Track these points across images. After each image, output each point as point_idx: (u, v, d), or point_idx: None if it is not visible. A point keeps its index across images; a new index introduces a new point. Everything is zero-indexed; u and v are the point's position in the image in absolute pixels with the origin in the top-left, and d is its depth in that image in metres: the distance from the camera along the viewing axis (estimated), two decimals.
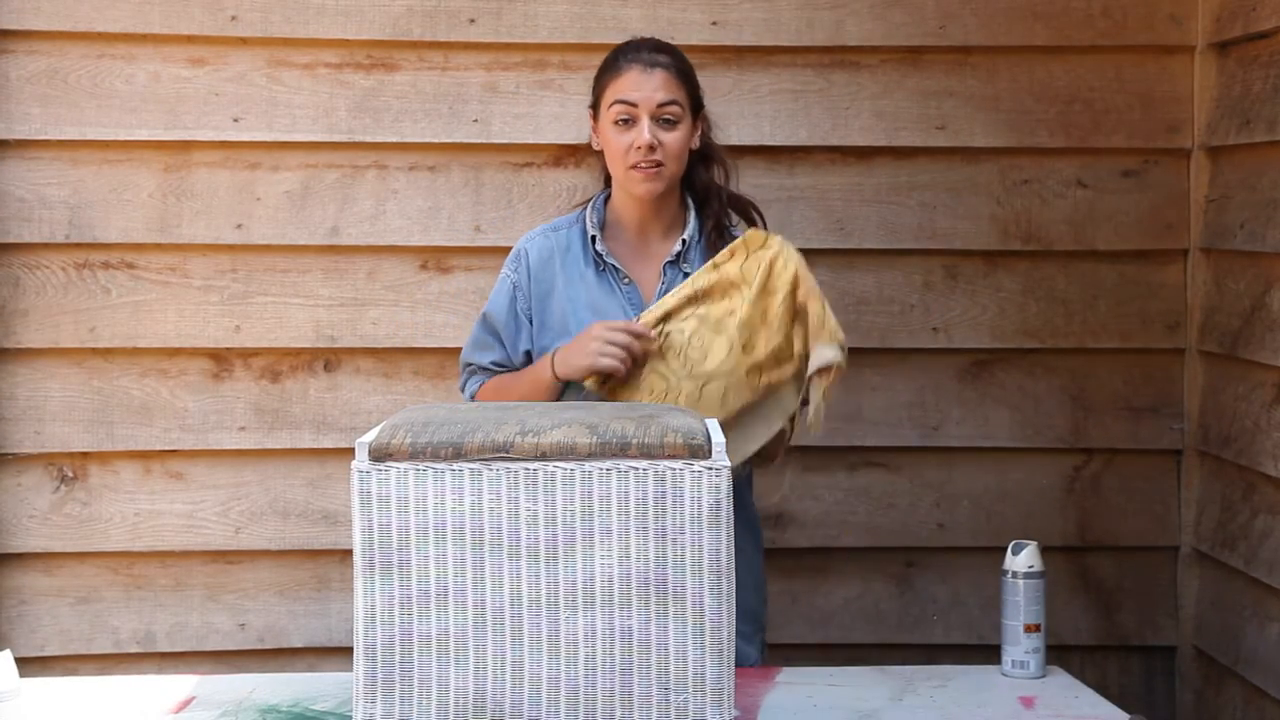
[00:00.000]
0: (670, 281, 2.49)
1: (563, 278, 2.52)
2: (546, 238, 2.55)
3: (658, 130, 2.44)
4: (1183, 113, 2.99)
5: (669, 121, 2.45)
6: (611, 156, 2.48)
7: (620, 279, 2.50)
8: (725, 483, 1.89)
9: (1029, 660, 2.36)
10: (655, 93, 2.44)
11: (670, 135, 2.45)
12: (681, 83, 2.48)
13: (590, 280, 2.51)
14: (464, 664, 1.90)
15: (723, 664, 1.90)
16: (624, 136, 2.44)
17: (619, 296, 2.50)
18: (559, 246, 2.53)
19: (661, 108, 2.44)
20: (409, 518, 1.90)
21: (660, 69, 2.46)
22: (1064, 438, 3.03)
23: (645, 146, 2.43)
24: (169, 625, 2.97)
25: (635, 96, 2.44)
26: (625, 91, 2.45)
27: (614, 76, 2.47)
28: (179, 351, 2.95)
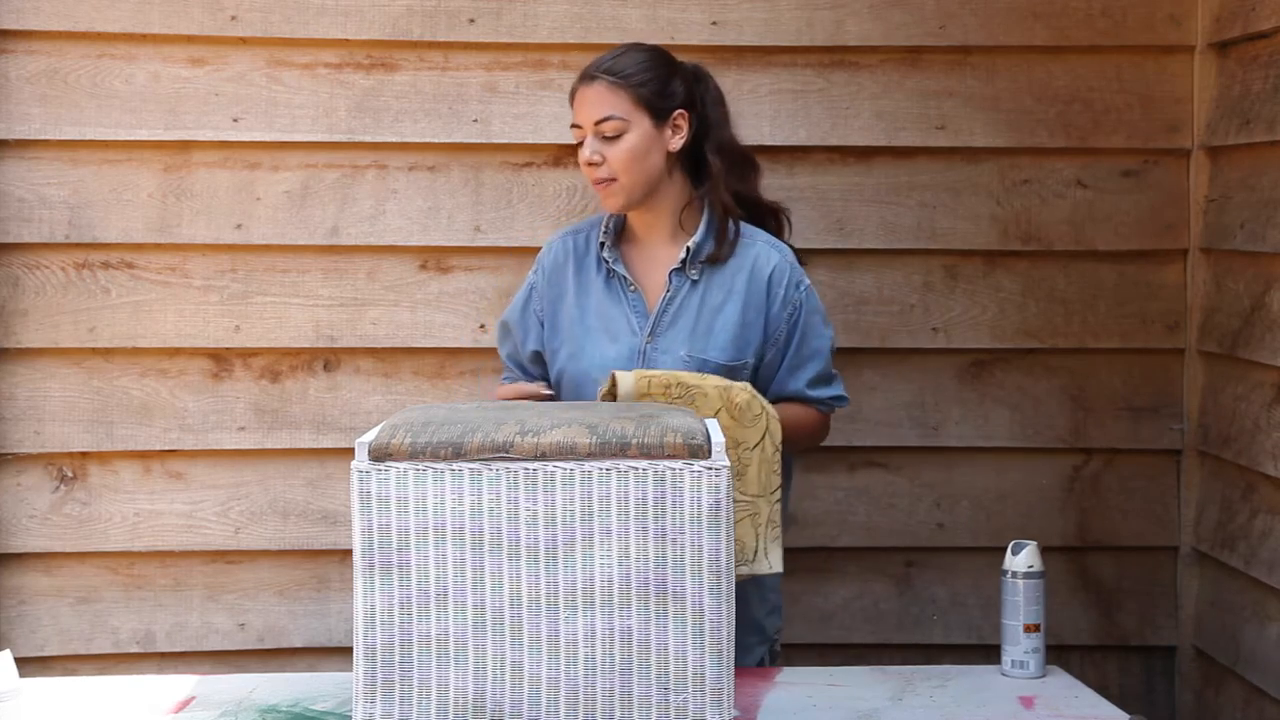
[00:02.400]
0: (675, 290, 2.49)
1: (575, 282, 2.54)
2: (565, 241, 2.59)
3: (600, 145, 2.44)
4: (1182, 113, 2.99)
5: (611, 137, 2.44)
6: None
7: (626, 286, 2.51)
8: (725, 483, 1.89)
9: (1029, 660, 2.36)
10: (590, 109, 2.45)
11: (614, 148, 2.44)
12: (622, 91, 2.45)
13: (599, 287, 2.53)
14: (464, 664, 1.90)
15: (722, 664, 1.90)
16: (580, 156, 2.47)
17: (624, 304, 2.50)
18: (577, 249, 2.57)
19: (599, 124, 2.44)
20: (409, 518, 1.90)
21: (595, 84, 2.45)
22: (1064, 438, 3.04)
23: (585, 164, 2.45)
24: (169, 625, 2.97)
25: (578, 117, 2.47)
26: (573, 113, 2.48)
27: (571, 99, 2.50)
28: (179, 351, 2.95)
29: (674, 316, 2.48)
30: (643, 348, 2.48)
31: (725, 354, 2.47)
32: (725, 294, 2.49)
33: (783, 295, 2.50)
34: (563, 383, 2.53)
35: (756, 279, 2.49)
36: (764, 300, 2.49)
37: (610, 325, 2.49)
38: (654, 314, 2.49)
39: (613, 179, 2.45)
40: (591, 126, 2.44)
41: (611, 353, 2.48)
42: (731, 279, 2.49)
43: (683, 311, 2.49)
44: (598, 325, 2.49)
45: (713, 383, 2.35)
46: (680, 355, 2.46)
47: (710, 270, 2.50)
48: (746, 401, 2.35)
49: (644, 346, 2.48)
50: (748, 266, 2.50)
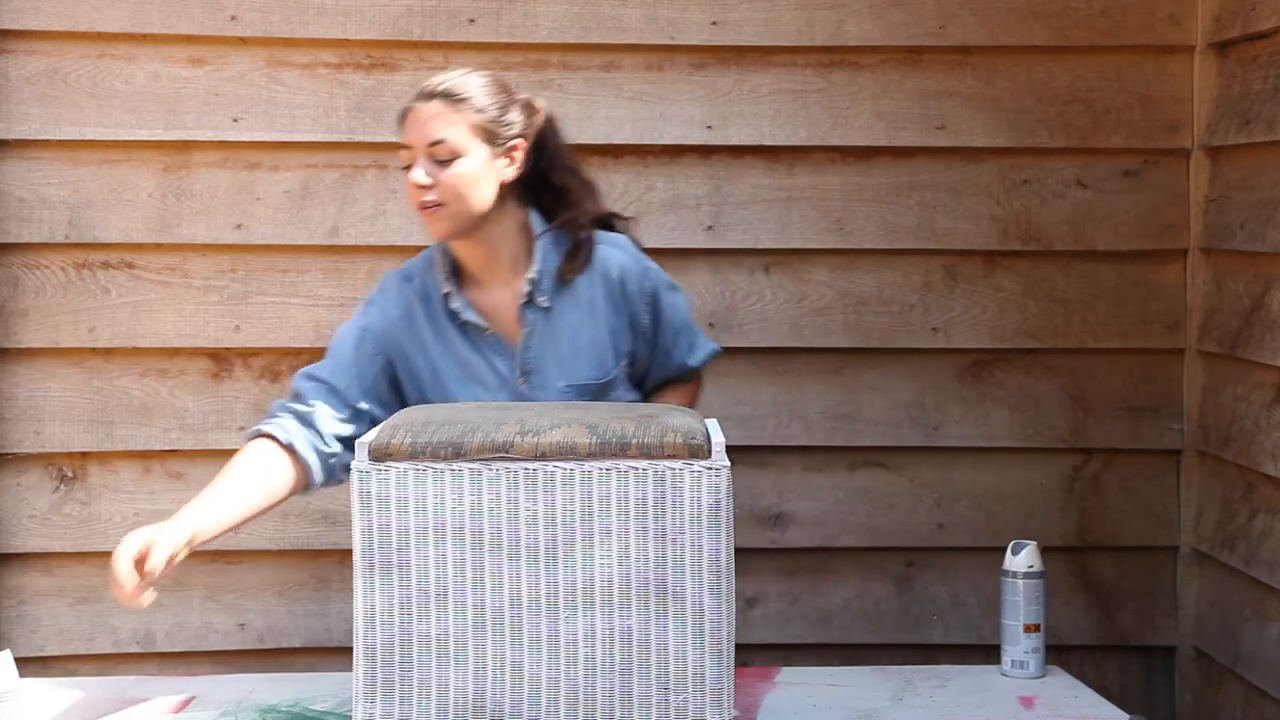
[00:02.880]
0: (532, 325, 2.37)
1: (430, 333, 2.39)
2: (401, 289, 2.41)
3: (432, 168, 2.30)
4: (1182, 113, 2.99)
5: (443, 160, 2.30)
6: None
7: (482, 334, 2.38)
8: (725, 483, 1.89)
9: (1029, 660, 2.36)
10: (423, 132, 2.31)
11: (446, 172, 2.30)
12: (461, 116, 2.32)
13: (454, 337, 2.38)
14: (464, 664, 1.90)
15: (722, 664, 1.90)
16: (408, 179, 2.33)
17: (484, 351, 2.38)
18: (418, 297, 2.40)
19: (431, 147, 2.30)
20: (409, 518, 1.90)
21: (428, 108, 2.32)
22: (1064, 438, 3.04)
23: (414, 186, 2.30)
24: (169, 625, 2.97)
25: (408, 136, 2.33)
26: (402, 135, 2.34)
27: (399, 122, 2.36)
28: (179, 351, 2.95)
29: (539, 351, 2.38)
30: (519, 390, 2.38)
31: (599, 370, 2.39)
32: (583, 311, 2.40)
33: (636, 290, 2.42)
34: None
35: (609, 286, 2.41)
36: (622, 302, 2.41)
37: (478, 375, 2.38)
38: (519, 353, 2.38)
39: (440, 204, 2.31)
40: (424, 148, 2.31)
41: (486, 399, 2.37)
42: (584, 295, 2.40)
43: (546, 343, 2.38)
44: (466, 376, 2.38)
45: None
46: (559, 387, 2.38)
47: (560, 292, 2.39)
48: None
49: (520, 389, 2.38)
50: (596, 277, 2.41)
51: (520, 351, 2.38)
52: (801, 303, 3.00)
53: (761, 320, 3.00)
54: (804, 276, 3.00)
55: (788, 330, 3.00)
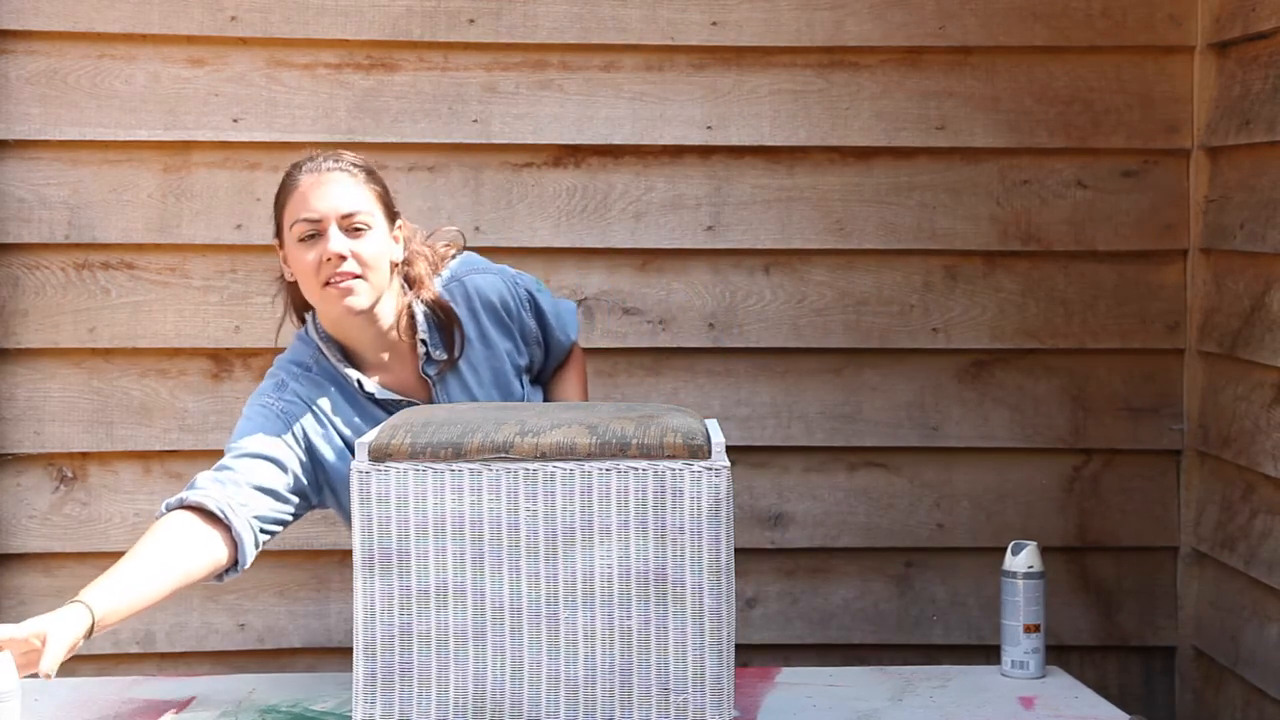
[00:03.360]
0: (439, 385, 2.32)
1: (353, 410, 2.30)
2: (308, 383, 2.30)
3: (346, 240, 2.20)
4: (1182, 113, 2.99)
5: (358, 229, 2.21)
6: (304, 279, 2.23)
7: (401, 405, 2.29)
8: (725, 483, 1.89)
9: (1029, 660, 2.36)
10: (339, 200, 2.20)
11: (362, 243, 2.21)
12: (366, 187, 2.25)
13: (377, 414, 2.29)
14: (464, 662, 1.90)
15: (722, 662, 1.90)
16: (310, 253, 2.20)
17: None
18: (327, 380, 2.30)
19: (346, 218, 2.20)
20: (409, 518, 1.90)
21: (338, 173, 2.23)
22: (1064, 438, 3.04)
23: (335, 256, 2.18)
24: (169, 625, 2.97)
25: (317, 210, 2.20)
26: (303, 207, 2.20)
27: (289, 193, 2.23)
28: (179, 352, 2.95)
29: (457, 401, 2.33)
30: None
31: (511, 395, 2.38)
32: (477, 350, 2.36)
33: (515, 304, 2.40)
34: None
35: (492, 311, 2.37)
36: (510, 322, 2.39)
37: None
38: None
39: (359, 276, 2.20)
40: (337, 219, 2.19)
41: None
42: (473, 333, 2.36)
43: (461, 394, 2.35)
44: None
45: None
46: None
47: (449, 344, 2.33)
48: None
49: None
50: (476, 308, 2.36)
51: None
52: (801, 303, 3.00)
53: (761, 320, 3.00)
54: (804, 276, 3.00)
55: (788, 330, 3.00)
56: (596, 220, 2.98)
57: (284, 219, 2.25)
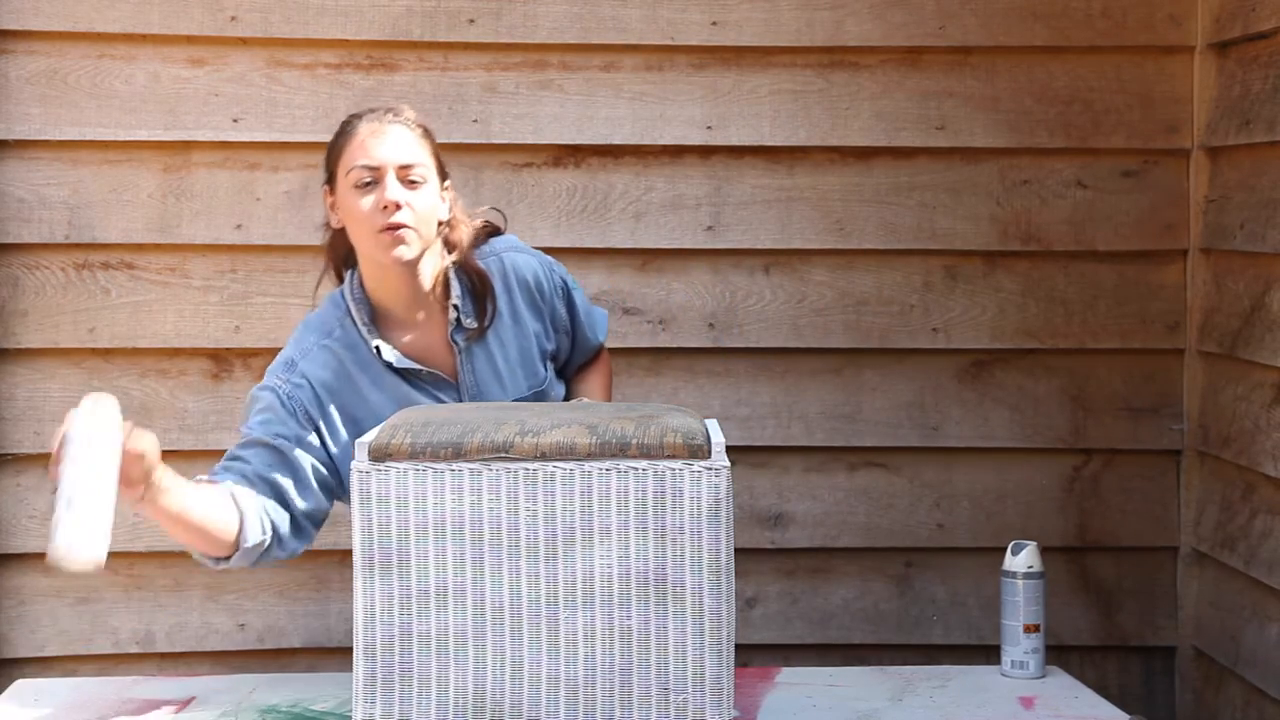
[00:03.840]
0: (465, 354, 2.34)
1: (365, 382, 2.32)
2: (325, 350, 2.32)
3: (403, 190, 2.24)
4: (1182, 113, 2.99)
5: (414, 182, 2.26)
6: (355, 224, 2.27)
7: (419, 375, 2.33)
8: (725, 483, 1.89)
9: (1029, 660, 2.36)
10: (398, 151, 2.25)
11: (417, 196, 2.25)
12: (424, 142, 2.30)
13: (391, 382, 2.32)
14: (464, 663, 1.90)
15: (722, 662, 1.90)
16: (367, 198, 2.24)
17: (425, 390, 2.33)
18: (342, 351, 2.32)
19: (405, 169, 2.25)
20: (409, 517, 1.90)
21: (400, 125, 2.28)
22: (1064, 438, 3.04)
23: (391, 205, 2.22)
24: (169, 625, 2.97)
25: (376, 157, 2.24)
26: (363, 154, 2.25)
27: (348, 140, 2.27)
28: (179, 352, 2.95)
29: (480, 374, 2.36)
30: None
31: (534, 379, 2.39)
32: (507, 325, 2.38)
33: (549, 288, 2.42)
34: None
35: (525, 290, 2.40)
36: (541, 306, 2.42)
37: None
38: (461, 384, 2.34)
39: (411, 228, 2.24)
40: (395, 168, 2.24)
41: None
42: (505, 308, 2.38)
43: (483, 365, 2.36)
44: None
45: None
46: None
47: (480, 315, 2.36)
48: None
49: None
50: (511, 285, 2.39)
51: (462, 379, 2.35)
52: (801, 303, 3.00)
53: (761, 320, 3.00)
54: (804, 276, 3.00)
55: (788, 330, 3.00)
56: (596, 220, 2.98)
57: (339, 165, 2.28)
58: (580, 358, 2.54)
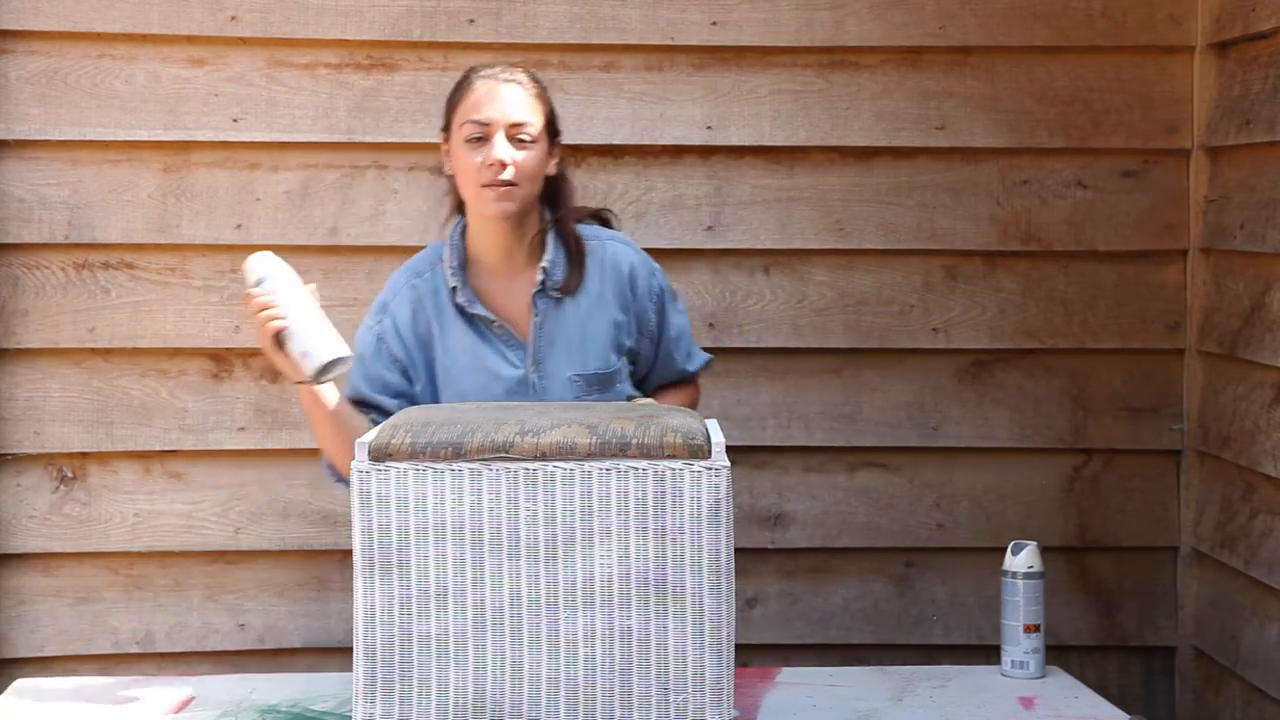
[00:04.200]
0: (543, 314, 2.41)
1: (437, 324, 2.43)
2: (412, 287, 2.45)
3: (511, 148, 2.36)
4: (1182, 113, 2.99)
5: (523, 140, 2.37)
6: (463, 176, 2.39)
7: (491, 325, 2.41)
8: (725, 482, 1.89)
9: (1029, 660, 2.36)
10: (509, 110, 2.37)
11: (524, 154, 2.37)
12: (537, 102, 2.41)
13: (462, 328, 2.42)
14: (464, 663, 1.91)
15: (722, 663, 1.90)
16: (476, 154, 2.36)
17: (493, 342, 2.42)
18: (426, 292, 2.44)
19: (515, 127, 2.36)
20: (409, 518, 1.90)
21: (514, 86, 2.39)
22: (1064, 438, 3.04)
23: (498, 163, 2.34)
24: (169, 625, 2.97)
25: (489, 114, 2.36)
26: (477, 109, 2.37)
27: (465, 94, 2.40)
28: (179, 352, 2.95)
29: (550, 340, 2.42)
30: (529, 379, 2.41)
31: (604, 362, 2.43)
32: (591, 301, 2.44)
33: (644, 287, 2.49)
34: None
35: (618, 280, 2.47)
36: (629, 297, 2.47)
37: (487, 363, 2.40)
38: (530, 343, 2.41)
39: (515, 185, 2.36)
40: (505, 126, 2.36)
41: (498, 389, 2.40)
42: (592, 285, 2.45)
43: (557, 332, 2.42)
44: (474, 365, 2.40)
45: None
46: (566, 377, 2.41)
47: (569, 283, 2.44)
48: None
49: (530, 378, 2.41)
50: (605, 269, 2.46)
51: (531, 340, 2.41)
52: (801, 303, 3.00)
53: (761, 320, 3.00)
54: (804, 276, 3.00)
55: (788, 330, 3.00)
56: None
57: (455, 117, 2.41)
58: (663, 376, 2.57)
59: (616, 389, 2.44)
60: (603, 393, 2.43)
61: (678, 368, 2.57)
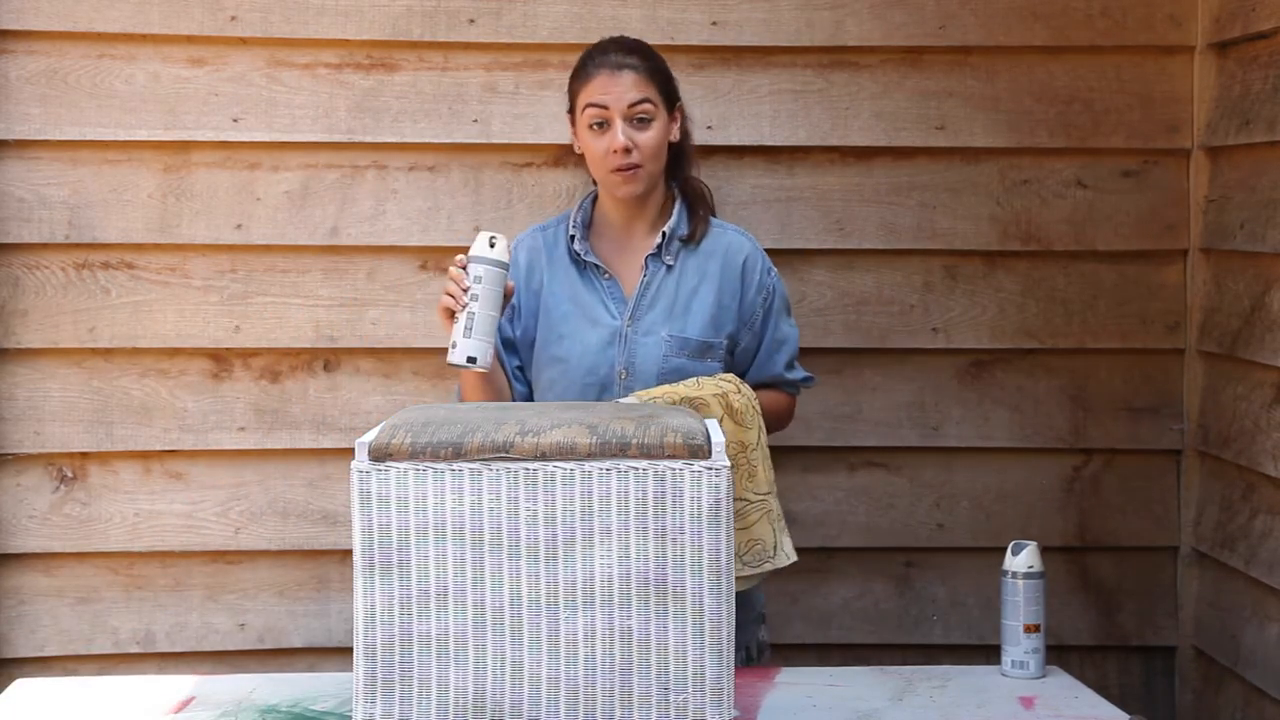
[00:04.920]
0: (652, 275, 2.55)
1: (549, 273, 2.58)
2: (535, 237, 2.62)
3: (631, 131, 2.48)
4: (1182, 113, 2.99)
5: (642, 120, 2.49)
6: (591, 160, 2.53)
7: (601, 274, 2.56)
8: (725, 483, 1.89)
9: (1029, 661, 2.36)
10: (625, 93, 2.48)
11: (645, 134, 2.49)
12: (651, 79, 2.51)
13: (573, 276, 2.57)
14: (464, 664, 1.90)
15: (722, 663, 1.90)
16: (600, 140, 2.49)
17: (600, 291, 2.56)
18: (547, 244, 2.60)
19: (633, 108, 2.48)
20: (409, 518, 1.90)
21: (628, 70, 2.50)
22: (1064, 438, 3.04)
23: (620, 150, 2.47)
24: (169, 625, 2.97)
25: (606, 99, 2.48)
26: (596, 95, 2.49)
27: (584, 81, 2.51)
28: (179, 351, 2.95)
29: (652, 299, 2.55)
30: (624, 330, 2.53)
31: (703, 332, 2.54)
32: (700, 277, 2.56)
33: (757, 281, 2.59)
34: (538, 362, 2.58)
35: (730, 265, 2.58)
36: (738, 285, 2.58)
37: (589, 311, 2.54)
38: (633, 298, 2.54)
39: (639, 166, 2.49)
40: (625, 109, 2.47)
41: (593, 337, 2.53)
42: (705, 263, 2.57)
43: (660, 294, 2.55)
44: (575, 312, 2.54)
45: (710, 390, 2.42)
46: (661, 335, 2.52)
47: (684, 256, 2.57)
48: (744, 405, 2.43)
49: (625, 330, 2.53)
50: (721, 252, 2.58)
51: (636, 295, 2.53)
52: (801, 303, 3.00)
53: None
54: (804, 276, 3.00)
55: None
56: None
57: (576, 102, 2.54)
58: (759, 376, 2.63)
59: (708, 365, 2.54)
60: (696, 361, 2.52)
61: (776, 371, 2.64)
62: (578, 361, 2.52)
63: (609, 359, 2.52)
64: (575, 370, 2.52)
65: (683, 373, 2.51)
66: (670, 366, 2.51)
